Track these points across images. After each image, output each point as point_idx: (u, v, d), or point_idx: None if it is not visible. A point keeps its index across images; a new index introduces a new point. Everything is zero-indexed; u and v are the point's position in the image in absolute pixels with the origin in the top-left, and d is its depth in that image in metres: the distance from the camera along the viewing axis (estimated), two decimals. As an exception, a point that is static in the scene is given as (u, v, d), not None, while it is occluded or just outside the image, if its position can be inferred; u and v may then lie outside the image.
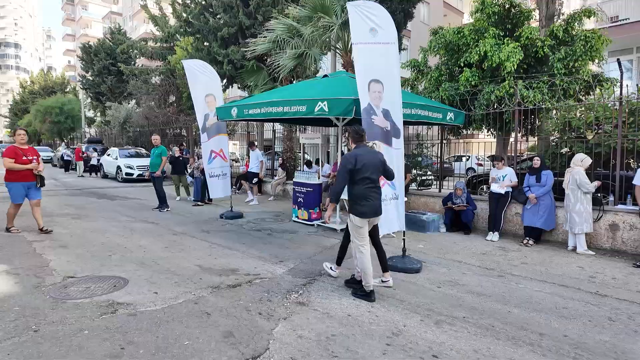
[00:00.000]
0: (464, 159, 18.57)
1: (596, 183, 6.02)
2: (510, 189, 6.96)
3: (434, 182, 10.17)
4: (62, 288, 3.96)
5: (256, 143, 12.47)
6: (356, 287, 4.14)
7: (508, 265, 5.39)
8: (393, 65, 5.15)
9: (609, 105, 6.83)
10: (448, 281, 4.66)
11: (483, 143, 8.98)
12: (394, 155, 5.13)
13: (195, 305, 3.65)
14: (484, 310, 3.82)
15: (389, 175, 4.36)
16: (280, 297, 3.94)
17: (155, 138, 9.73)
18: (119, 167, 16.39)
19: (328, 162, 11.94)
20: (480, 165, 17.18)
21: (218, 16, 15.11)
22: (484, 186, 10.36)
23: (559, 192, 6.52)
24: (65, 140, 37.36)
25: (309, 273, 4.77)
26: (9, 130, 57.41)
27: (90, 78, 30.37)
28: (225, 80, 15.74)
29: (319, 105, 5.53)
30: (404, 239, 5.24)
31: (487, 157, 16.15)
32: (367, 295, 3.95)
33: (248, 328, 3.22)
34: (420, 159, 9.54)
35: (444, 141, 8.75)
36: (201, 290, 4.03)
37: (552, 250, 6.22)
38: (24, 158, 6.15)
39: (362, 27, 5.09)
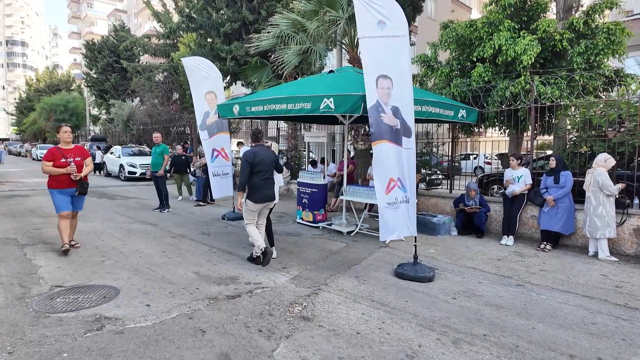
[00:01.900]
0: (471, 157, 18.15)
1: (620, 185, 5.63)
2: (526, 190, 6.60)
3: (442, 182, 9.84)
4: (47, 299, 3.67)
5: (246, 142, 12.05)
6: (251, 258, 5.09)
7: (526, 273, 5.05)
8: (403, 59, 4.80)
9: (633, 102, 6.42)
10: (463, 291, 4.33)
11: (491, 141, 8.60)
12: (404, 155, 4.79)
13: (190, 320, 3.34)
14: (506, 326, 3.48)
15: (279, 169, 5.21)
16: (283, 311, 3.62)
17: (157, 136, 9.47)
18: (121, 166, 16.19)
19: (333, 161, 11.62)
20: (489, 163, 16.77)
21: (221, 11, 14.81)
22: (495, 186, 10.00)
23: (577, 194, 6.14)
24: (70, 138, 37.26)
25: (314, 282, 4.45)
26: (16, 128, 57.61)
27: (94, 75, 30.18)
28: (228, 77, 15.47)
29: (325, 102, 5.20)
30: (415, 245, 4.91)
31: (495, 156, 15.77)
32: (254, 260, 4.95)
33: (246, 349, 2.90)
34: (429, 157, 9.17)
35: (455, 140, 8.36)
36: (197, 302, 3.73)
37: (571, 256, 5.85)
38: (62, 160, 5.10)
39: (368, 20, 4.76)
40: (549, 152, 10.14)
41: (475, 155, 18.25)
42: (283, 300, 3.89)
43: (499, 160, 16.15)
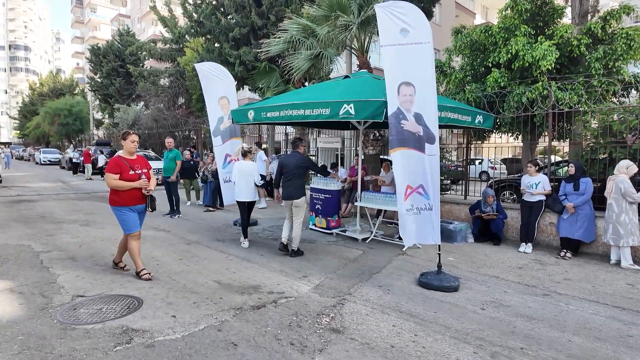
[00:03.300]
0: (476, 162, 18.07)
1: (643, 192, 5.55)
2: (544, 197, 6.52)
3: (451, 187, 9.76)
4: (71, 310, 3.59)
5: (259, 147, 11.69)
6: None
7: (550, 282, 4.96)
8: (426, 66, 4.74)
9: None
10: (491, 301, 4.24)
11: (498, 146, 8.50)
12: (427, 161, 4.73)
13: (219, 332, 3.25)
14: (541, 338, 3.39)
15: (317, 171, 6.71)
16: (311, 322, 3.54)
17: (169, 141, 9.41)
18: (127, 170, 16.10)
19: (342, 166, 11.54)
20: (494, 168, 16.71)
21: (230, 16, 14.82)
22: (507, 192, 9.92)
23: (597, 201, 6.06)
24: (74, 142, 37.36)
25: (338, 292, 4.37)
26: (19, 132, 57.71)
27: (99, 80, 30.24)
28: (236, 82, 15.43)
29: (345, 107, 5.14)
30: (439, 254, 4.82)
31: (500, 161, 15.69)
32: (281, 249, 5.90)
33: (281, 363, 2.82)
34: (442, 162, 9.12)
35: (469, 145, 8.29)
36: (223, 313, 3.64)
37: (594, 265, 5.76)
38: (131, 172, 4.44)
39: (391, 28, 4.74)
40: (555, 157, 10.10)
41: (481, 160, 18.21)
42: (309, 310, 3.80)
43: (504, 165, 16.10)
